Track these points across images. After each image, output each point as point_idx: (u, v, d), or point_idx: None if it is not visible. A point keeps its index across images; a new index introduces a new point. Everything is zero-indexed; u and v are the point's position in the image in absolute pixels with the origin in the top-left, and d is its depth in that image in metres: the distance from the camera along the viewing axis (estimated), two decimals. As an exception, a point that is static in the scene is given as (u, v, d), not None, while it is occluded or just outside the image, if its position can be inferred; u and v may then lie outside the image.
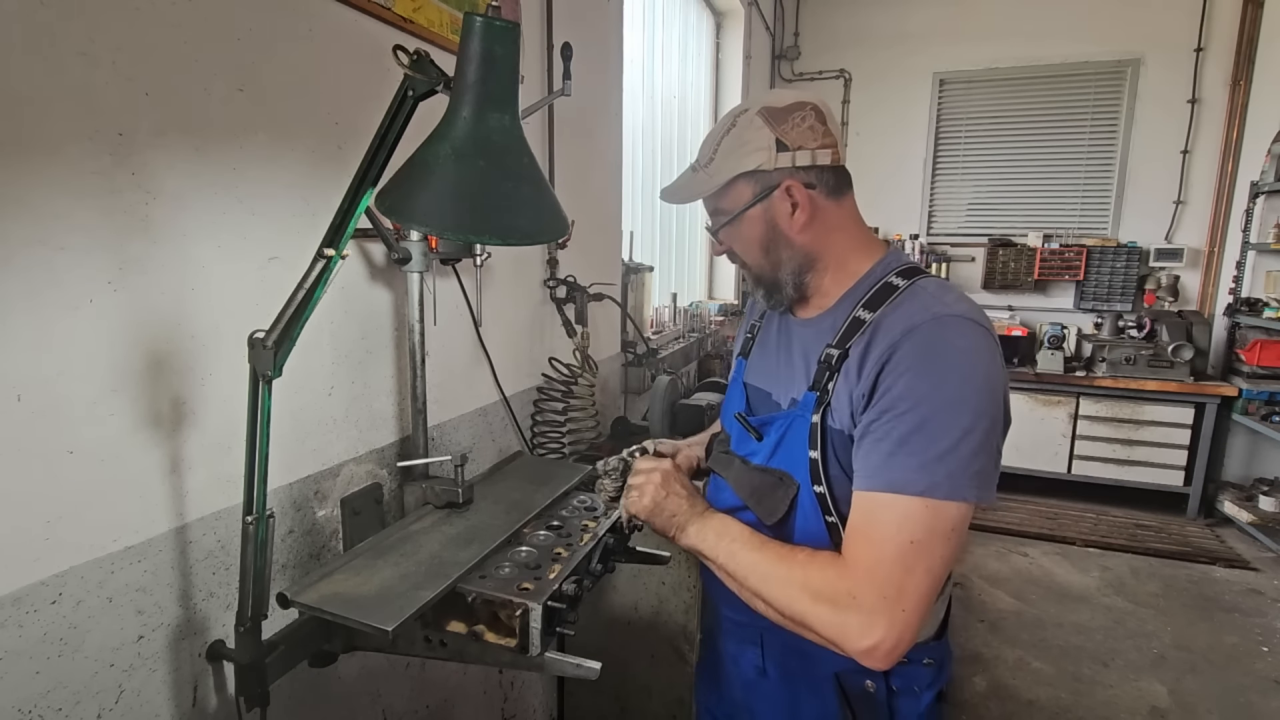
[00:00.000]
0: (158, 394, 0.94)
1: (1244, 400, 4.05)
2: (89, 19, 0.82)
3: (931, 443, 0.80)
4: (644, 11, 3.04)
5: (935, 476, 0.79)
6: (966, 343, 0.84)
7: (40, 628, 0.82)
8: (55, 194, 0.80)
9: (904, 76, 4.99)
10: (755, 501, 0.99)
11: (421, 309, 1.33)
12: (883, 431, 0.83)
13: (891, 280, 0.93)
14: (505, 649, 0.99)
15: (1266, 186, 4.07)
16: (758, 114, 0.93)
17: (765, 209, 0.95)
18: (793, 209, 0.94)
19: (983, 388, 0.82)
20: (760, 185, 0.95)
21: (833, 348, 0.92)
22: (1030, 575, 3.53)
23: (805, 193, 0.94)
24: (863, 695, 0.97)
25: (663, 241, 3.51)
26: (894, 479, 0.81)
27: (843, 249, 0.98)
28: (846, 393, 0.89)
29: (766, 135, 0.92)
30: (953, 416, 0.80)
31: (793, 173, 0.93)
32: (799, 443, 0.94)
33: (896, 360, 0.84)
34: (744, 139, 0.94)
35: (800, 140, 0.92)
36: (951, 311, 0.86)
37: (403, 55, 0.78)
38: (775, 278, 1.00)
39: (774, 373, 1.06)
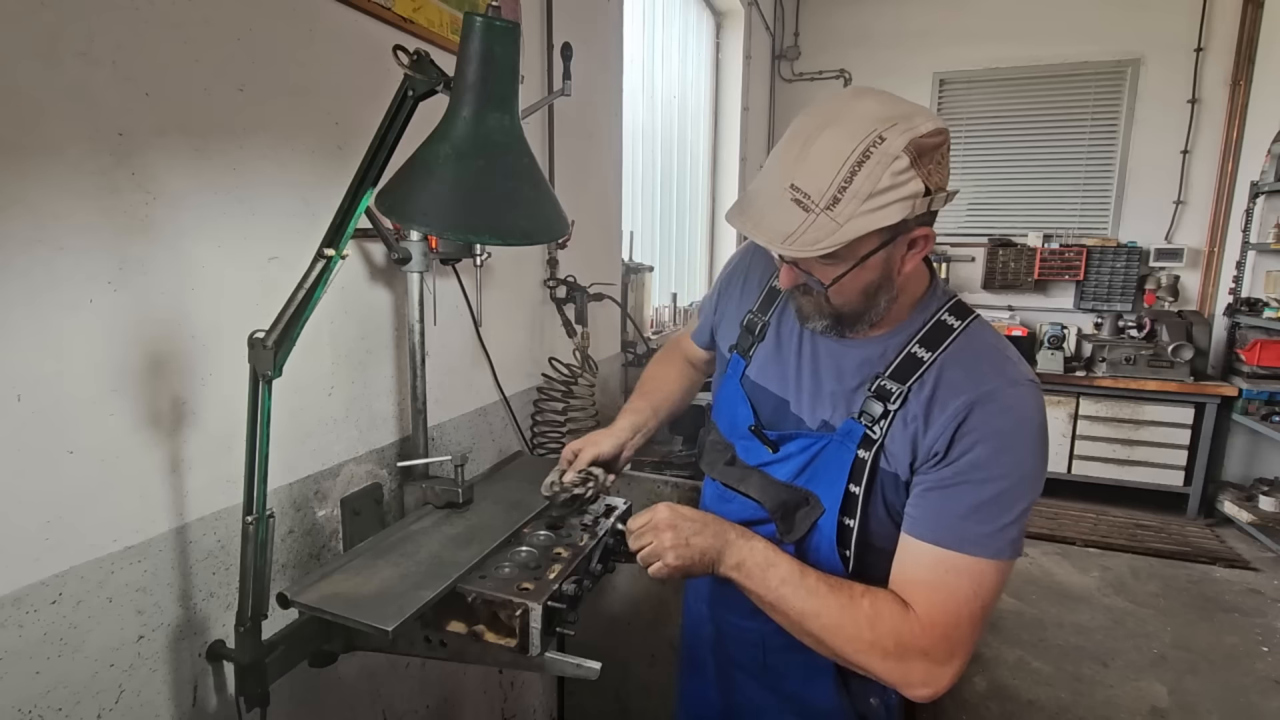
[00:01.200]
0: (158, 394, 0.94)
1: (1244, 400, 4.05)
2: (89, 19, 0.82)
3: (1005, 513, 0.83)
4: (644, 11, 3.04)
5: (1002, 542, 0.83)
6: (1040, 417, 0.85)
7: (40, 628, 0.82)
8: (55, 194, 0.80)
9: (904, 76, 4.98)
10: (780, 517, 0.97)
11: (421, 309, 1.33)
12: (959, 493, 0.84)
13: (945, 319, 0.91)
14: (505, 649, 0.99)
15: (1266, 186, 4.07)
16: (906, 151, 0.75)
17: (886, 255, 0.83)
18: (906, 251, 0.85)
19: (1045, 461, 0.86)
20: (890, 235, 0.81)
21: (887, 380, 0.89)
22: (1030, 575, 3.53)
23: (928, 234, 0.84)
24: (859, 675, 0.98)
25: (663, 241, 3.51)
26: (968, 540, 0.83)
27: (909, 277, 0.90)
28: (908, 440, 0.88)
29: (915, 182, 0.76)
30: (1026, 490, 0.84)
31: (929, 218, 0.83)
32: (833, 470, 0.93)
33: (976, 425, 0.83)
34: (885, 182, 0.75)
35: (939, 182, 0.80)
36: (1022, 377, 0.86)
37: (403, 55, 0.78)
38: (861, 315, 0.90)
39: (792, 382, 1.01)
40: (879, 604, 0.85)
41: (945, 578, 0.83)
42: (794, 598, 0.87)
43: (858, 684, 1.02)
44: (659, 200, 3.40)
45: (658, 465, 1.90)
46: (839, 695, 1.02)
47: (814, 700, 1.04)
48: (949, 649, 0.82)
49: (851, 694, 1.03)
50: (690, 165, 3.87)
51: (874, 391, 0.90)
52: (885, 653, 0.83)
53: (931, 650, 0.82)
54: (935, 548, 0.84)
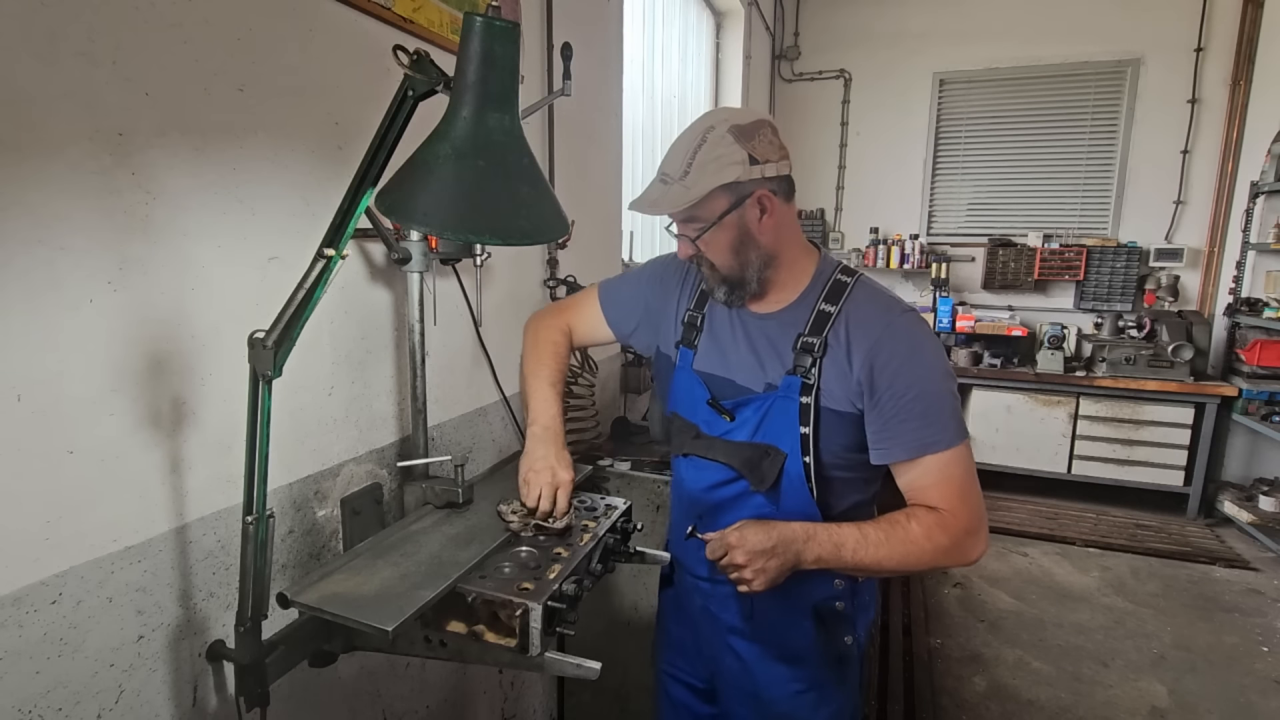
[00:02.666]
0: (158, 394, 0.94)
1: (1244, 400, 4.04)
2: (89, 19, 0.82)
3: (943, 406, 1.06)
4: (644, 11, 3.04)
5: (956, 426, 1.06)
6: (924, 328, 1.11)
7: (40, 628, 0.82)
8: (55, 194, 0.80)
9: (904, 76, 4.98)
10: (748, 470, 1.15)
11: (421, 309, 1.33)
12: (905, 412, 1.05)
13: (839, 278, 1.13)
14: (505, 649, 0.99)
15: (1266, 186, 4.07)
16: (728, 131, 1.04)
17: (739, 215, 1.08)
18: (760, 215, 1.08)
19: (943, 356, 1.10)
20: (735, 195, 1.06)
21: (808, 336, 1.10)
22: (1030, 575, 3.53)
23: (774, 200, 1.08)
24: (833, 614, 1.19)
25: (663, 241, 3.51)
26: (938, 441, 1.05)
27: (793, 248, 1.14)
28: (838, 378, 1.08)
29: (739, 151, 1.04)
30: (944, 383, 1.07)
31: (762, 183, 1.07)
32: (785, 420, 1.11)
33: (887, 357, 1.06)
34: (718, 153, 1.03)
35: (766, 154, 1.06)
36: (903, 308, 1.11)
37: (403, 55, 0.78)
38: (742, 276, 1.13)
39: (733, 361, 1.19)
40: (921, 521, 1.06)
41: (944, 473, 1.06)
42: (867, 558, 1.06)
43: (833, 622, 1.19)
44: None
45: (658, 465, 1.90)
46: (817, 636, 1.19)
47: (795, 643, 1.20)
48: (978, 517, 1.07)
49: (829, 633, 1.19)
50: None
51: (800, 347, 1.10)
52: (946, 551, 1.06)
53: (970, 525, 1.06)
54: (922, 459, 1.06)
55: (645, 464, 1.91)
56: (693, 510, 1.25)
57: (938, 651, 2.86)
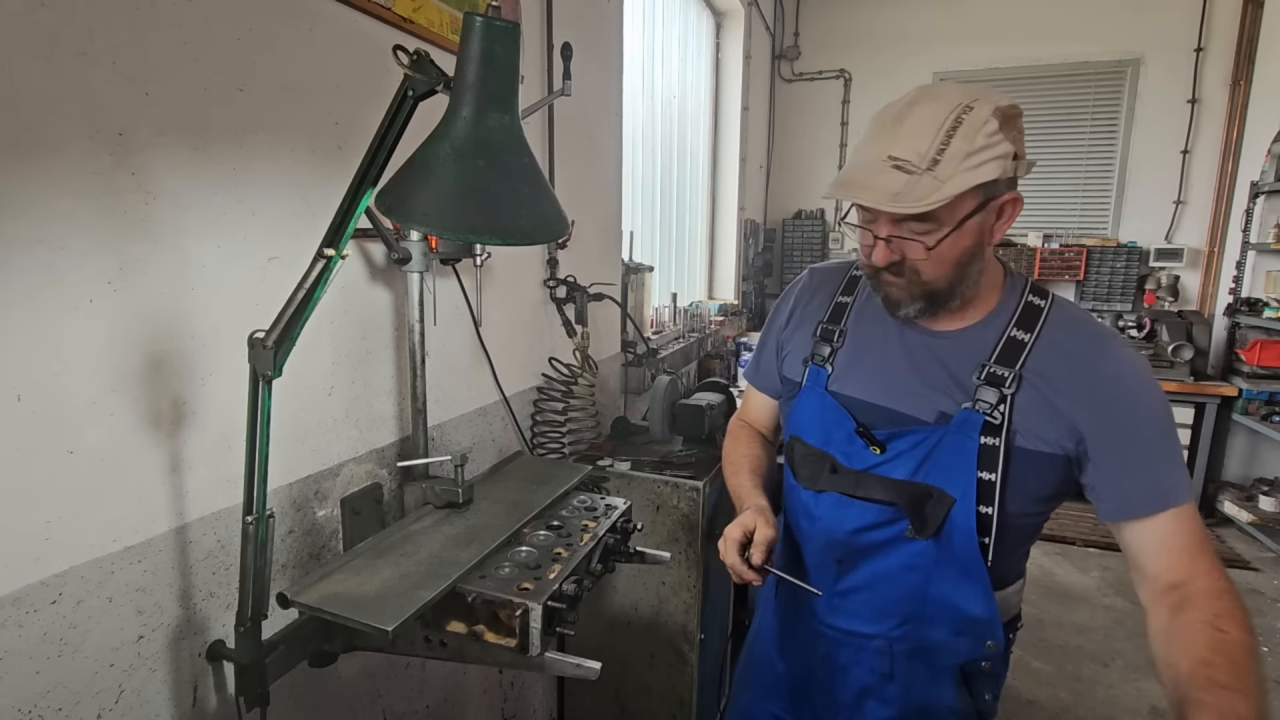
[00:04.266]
0: (158, 394, 0.94)
1: (1244, 400, 4.04)
2: (89, 19, 0.82)
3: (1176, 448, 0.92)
4: (644, 11, 3.04)
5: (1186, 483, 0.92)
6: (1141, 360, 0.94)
7: (40, 628, 0.82)
8: (55, 194, 0.80)
9: (904, 77, 4.97)
10: (912, 513, 0.97)
11: (421, 309, 1.33)
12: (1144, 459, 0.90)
13: (1032, 300, 0.97)
14: (505, 649, 0.99)
15: (1266, 186, 4.07)
16: (993, 114, 0.83)
17: (980, 220, 0.89)
18: (996, 220, 0.91)
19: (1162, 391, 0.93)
20: (985, 196, 0.87)
21: (994, 366, 0.93)
22: (1030, 575, 3.52)
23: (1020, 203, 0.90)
24: (979, 673, 1.04)
25: (663, 241, 3.51)
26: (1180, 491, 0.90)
27: (990, 259, 0.97)
28: (1043, 417, 0.92)
29: (1005, 144, 0.84)
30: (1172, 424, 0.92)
31: (1015, 184, 0.90)
32: (956, 460, 0.94)
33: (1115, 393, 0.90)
34: (979, 142, 0.83)
35: (1021, 150, 0.88)
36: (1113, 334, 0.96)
37: (403, 55, 0.78)
38: (953, 290, 0.94)
39: (890, 384, 1.01)
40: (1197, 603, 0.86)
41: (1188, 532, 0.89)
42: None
43: (977, 682, 1.05)
44: (659, 200, 3.40)
45: (658, 465, 1.90)
46: (960, 695, 1.03)
47: (939, 703, 1.04)
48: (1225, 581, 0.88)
49: (973, 693, 1.05)
50: (690, 165, 3.88)
51: (985, 378, 0.93)
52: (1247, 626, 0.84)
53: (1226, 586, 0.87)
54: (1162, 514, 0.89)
55: (645, 464, 1.91)
56: (831, 554, 1.06)
57: (938, 651, 2.86)
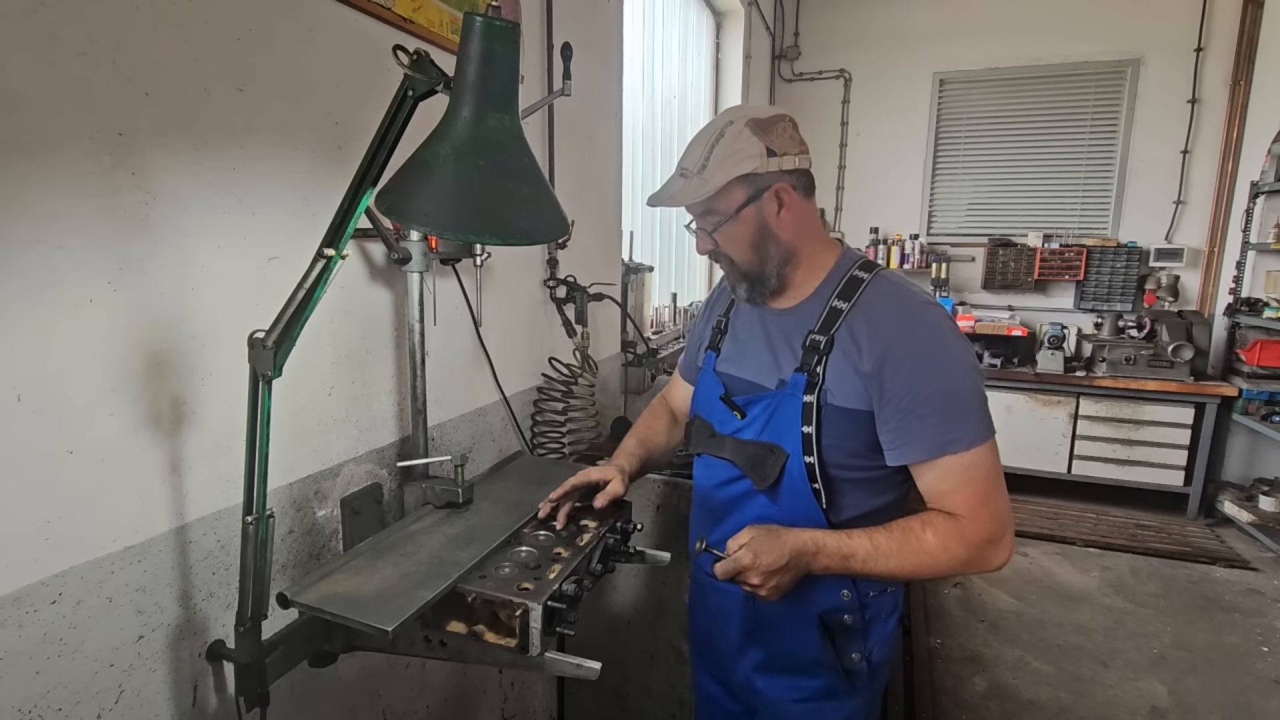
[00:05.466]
0: (158, 394, 0.94)
1: (1244, 400, 4.04)
2: (89, 19, 0.82)
3: (966, 404, 1.01)
4: (644, 11, 3.04)
5: (980, 426, 1.01)
6: (946, 322, 1.06)
7: (40, 628, 0.82)
8: (55, 194, 0.80)
9: (904, 76, 4.98)
10: (750, 468, 1.13)
11: (421, 309, 1.33)
12: (924, 411, 1.00)
13: (856, 274, 1.10)
14: (505, 649, 0.99)
15: (1266, 186, 4.07)
16: (745, 125, 1.04)
17: (757, 209, 1.08)
18: (778, 209, 1.08)
19: (965, 351, 1.04)
20: (753, 188, 1.07)
21: (817, 334, 1.08)
22: (1030, 575, 3.53)
23: (793, 194, 1.08)
24: (840, 626, 1.15)
25: (663, 241, 3.51)
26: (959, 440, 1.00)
27: (813, 244, 1.13)
28: (847, 375, 1.05)
29: (757, 144, 1.04)
30: (967, 379, 1.02)
31: (780, 176, 1.06)
32: (789, 418, 1.08)
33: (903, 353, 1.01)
34: (736, 147, 1.04)
35: (785, 147, 1.06)
36: (921, 300, 1.07)
37: (403, 55, 0.78)
38: (761, 272, 1.13)
39: (750, 360, 1.18)
40: (938, 531, 1.02)
41: (965, 475, 1.01)
42: (878, 569, 1.04)
43: (841, 636, 1.15)
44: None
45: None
46: (824, 647, 1.15)
47: (805, 652, 1.17)
48: (1001, 523, 1.02)
49: (837, 649, 1.15)
50: (690, 165, 3.87)
51: (808, 345, 1.08)
52: (965, 562, 1.02)
53: (991, 533, 1.01)
54: (941, 459, 1.01)
55: (645, 464, 1.90)
56: (704, 508, 1.26)
57: (938, 651, 2.86)
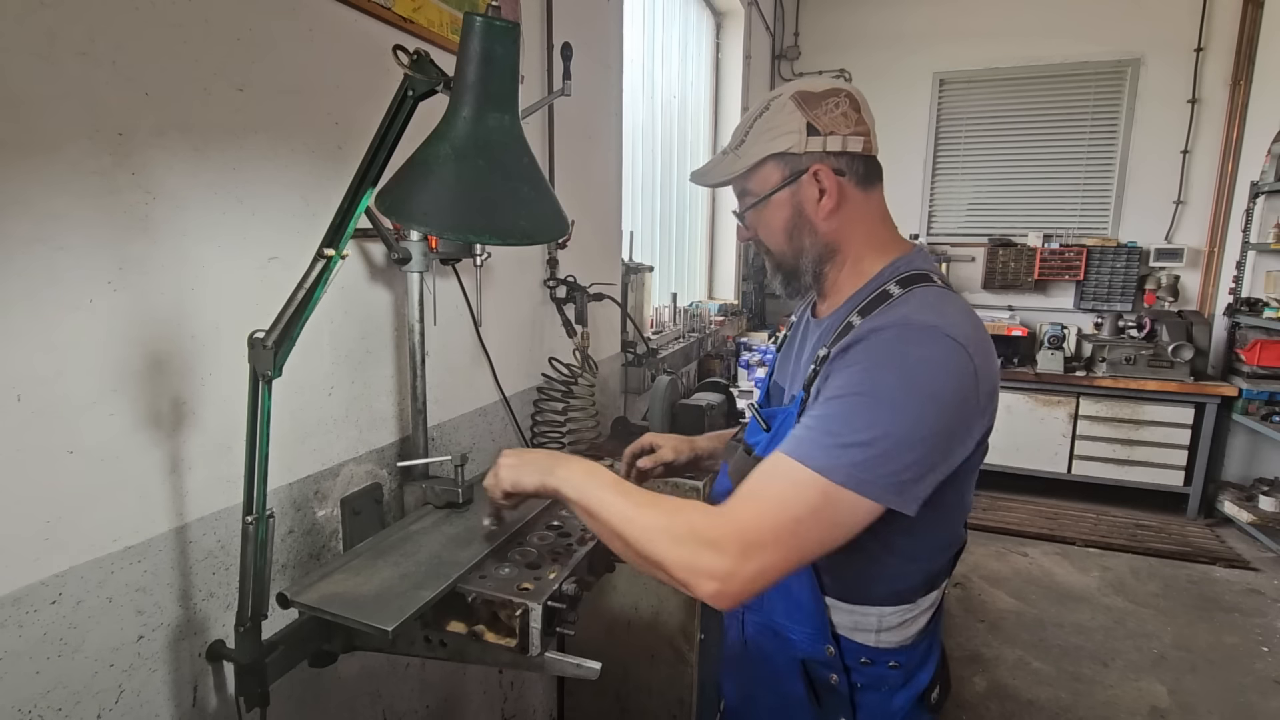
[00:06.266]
0: (158, 394, 0.94)
1: (1244, 400, 4.05)
2: (89, 19, 0.82)
3: (848, 430, 0.77)
4: (644, 11, 3.04)
5: (837, 460, 0.76)
6: (925, 352, 0.79)
7: (40, 628, 0.82)
8: (55, 194, 0.80)
9: (904, 76, 4.99)
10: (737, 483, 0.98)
11: (421, 309, 1.33)
12: (812, 409, 0.83)
13: (889, 288, 0.90)
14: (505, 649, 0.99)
15: (1266, 186, 4.07)
16: (791, 98, 0.92)
17: (793, 193, 0.95)
18: (820, 195, 0.93)
19: (926, 400, 0.77)
20: (790, 168, 0.94)
21: (827, 348, 0.90)
22: (1030, 575, 3.53)
23: (834, 179, 0.93)
24: (826, 685, 1.00)
25: (663, 241, 3.51)
26: (799, 450, 0.79)
27: (862, 244, 0.97)
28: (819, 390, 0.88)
29: (798, 119, 0.91)
30: (881, 414, 0.77)
31: (823, 157, 0.93)
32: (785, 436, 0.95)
33: (851, 355, 0.83)
34: (775, 122, 0.93)
35: (832, 125, 0.92)
36: (924, 320, 0.82)
37: (403, 55, 0.78)
38: (796, 265, 0.99)
39: (788, 372, 1.09)
40: (687, 503, 0.82)
41: (762, 480, 0.80)
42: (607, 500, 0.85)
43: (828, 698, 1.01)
44: (659, 200, 3.40)
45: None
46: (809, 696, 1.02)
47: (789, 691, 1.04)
48: (741, 546, 0.75)
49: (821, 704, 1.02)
50: (690, 165, 3.87)
51: (818, 359, 0.91)
52: (676, 538, 0.78)
53: (721, 542, 0.76)
54: (779, 451, 0.81)
55: (645, 464, 1.91)
56: None
57: (938, 651, 2.86)
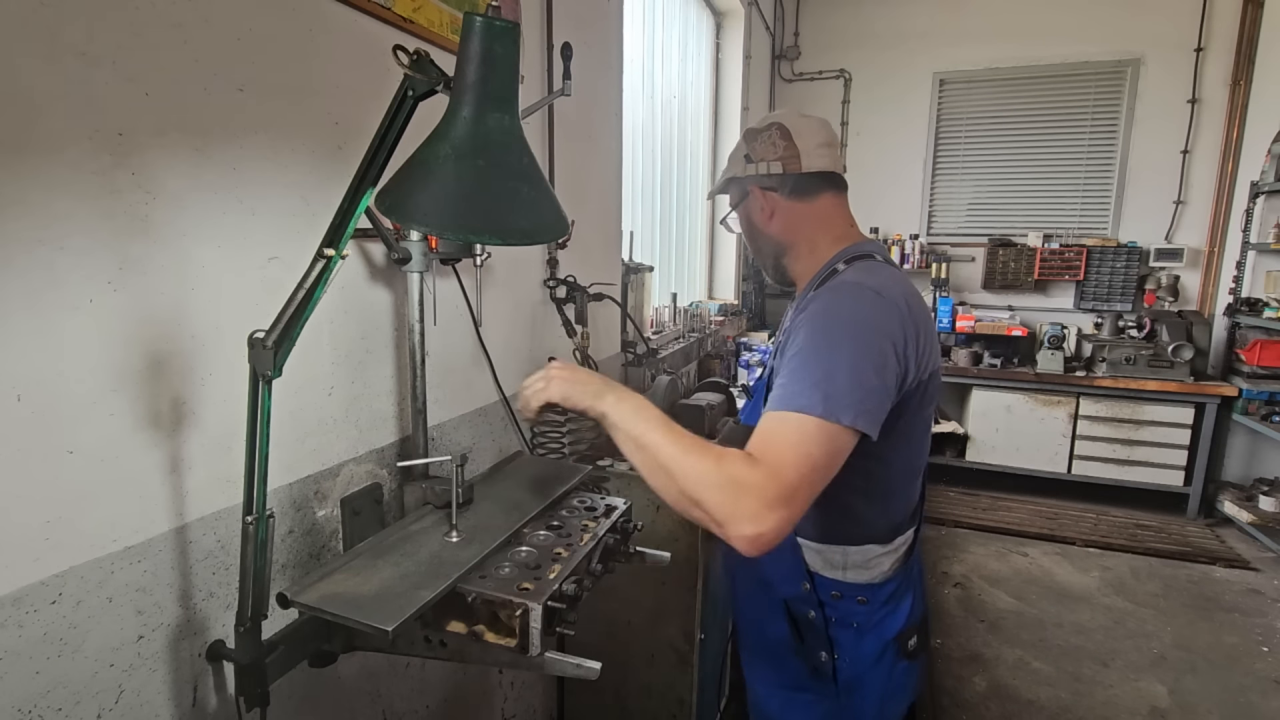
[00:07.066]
0: (158, 394, 0.94)
1: (1244, 400, 4.05)
2: (89, 19, 0.82)
3: (810, 370, 0.94)
4: (644, 11, 3.04)
5: (811, 399, 0.91)
6: (850, 300, 1.01)
7: (40, 628, 0.82)
8: (55, 194, 0.80)
9: (904, 77, 4.99)
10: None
11: (421, 309, 1.33)
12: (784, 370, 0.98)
13: (837, 266, 1.12)
14: (505, 649, 0.99)
15: (1266, 186, 4.07)
16: (743, 135, 1.21)
17: (745, 207, 1.24)
18: (761, 208, 1.20)
19: (857, 332, 0.97)
20: (739, 190, 1.24)
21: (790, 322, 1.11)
22: (1030, 575, 3.53)
23: (763, 194, 1.20)
24: (806, 620, 1.17)
25: (663, 241, 3.51)
26: (784, 401, 0.93)
27: (812, 238, 1.19)
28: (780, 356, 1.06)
29: (741, 150, 1.21)
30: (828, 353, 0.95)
31: (756, 179, 1.19)
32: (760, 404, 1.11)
33: (801, 318, 1.02)
34: (734, 153, 1.23)
35: (762, 154, 1.18)
36: (850, 280, 1.05)
37: (403, 55, 0.78)
38: (765, 260, 1.27)
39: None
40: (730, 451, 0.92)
41: (773, 428, 0.92)
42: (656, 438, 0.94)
43: (809, 634, 1.17)
44: (659, 200, 3.40)
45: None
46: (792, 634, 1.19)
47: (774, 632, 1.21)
48: (777, 489, 0.87)
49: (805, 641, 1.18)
50: (690, 165, 3.88)
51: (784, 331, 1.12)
52: (720, 484, 0.88)
53: (762, 487, 0.87)
54: (769, 411, 0.95)
55: (645, 464, 1.90)
56: None
57: (937, 651, 2.86)
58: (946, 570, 3.55)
